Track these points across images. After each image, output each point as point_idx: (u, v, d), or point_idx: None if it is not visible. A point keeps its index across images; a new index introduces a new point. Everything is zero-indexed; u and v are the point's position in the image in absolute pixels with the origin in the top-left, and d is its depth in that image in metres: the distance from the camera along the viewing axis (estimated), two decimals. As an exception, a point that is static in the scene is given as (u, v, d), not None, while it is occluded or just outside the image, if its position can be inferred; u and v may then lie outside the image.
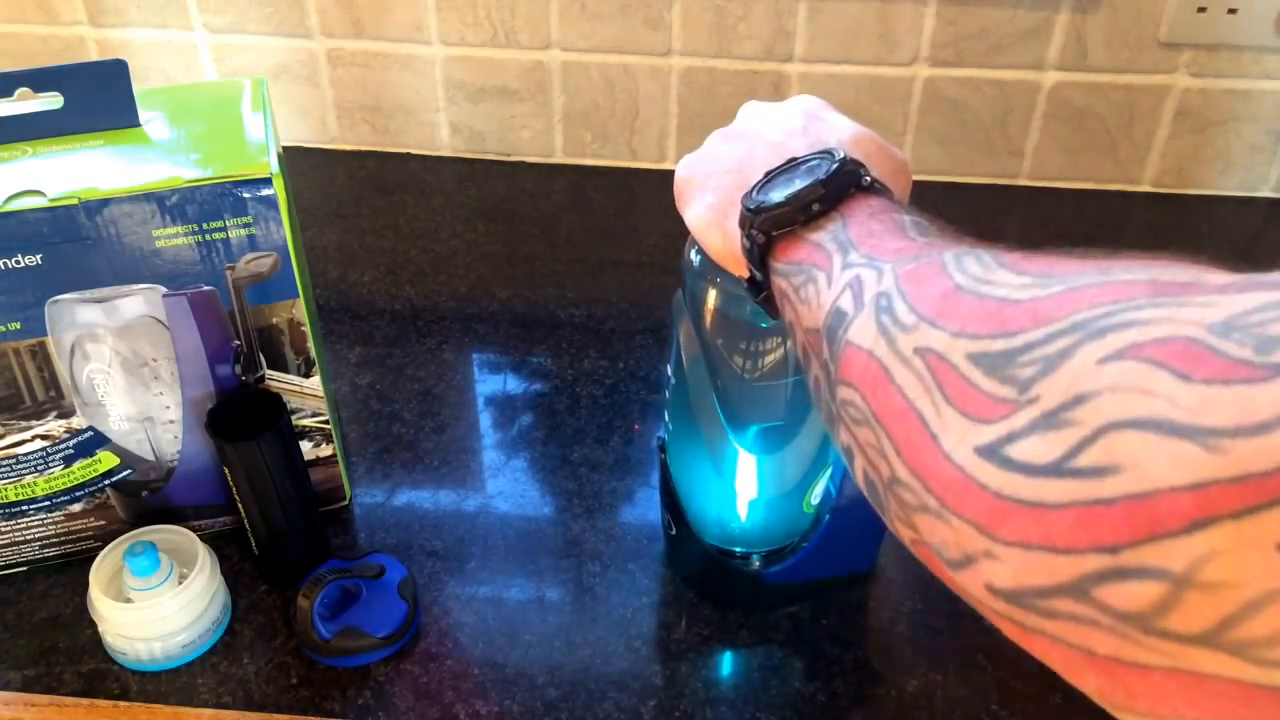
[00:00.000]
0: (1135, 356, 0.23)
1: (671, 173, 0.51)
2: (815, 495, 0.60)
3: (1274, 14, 0.89)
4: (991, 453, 0.25)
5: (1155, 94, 0.95)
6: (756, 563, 0.62)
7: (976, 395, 0.27)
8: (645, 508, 0.69)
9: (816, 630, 0.62)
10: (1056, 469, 0.23)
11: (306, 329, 0.60)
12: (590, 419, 0.76)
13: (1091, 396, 0.23)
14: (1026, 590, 0.25)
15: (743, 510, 0.61)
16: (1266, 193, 1.00)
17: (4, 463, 0.60)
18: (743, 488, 0.59)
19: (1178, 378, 0.22)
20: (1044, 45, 0.93)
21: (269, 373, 0.61)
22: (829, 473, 0.59)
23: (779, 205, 0.40)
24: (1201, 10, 0.89)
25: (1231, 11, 0.89)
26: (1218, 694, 0.22)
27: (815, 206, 0.39)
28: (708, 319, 0.53)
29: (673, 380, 0.58)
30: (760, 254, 0.41)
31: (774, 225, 0.40)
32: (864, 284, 0.34)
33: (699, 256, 0.52)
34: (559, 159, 1.05)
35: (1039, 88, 0.95)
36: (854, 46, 0.94)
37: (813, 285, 0.38)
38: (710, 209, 0.46)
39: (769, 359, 0.53)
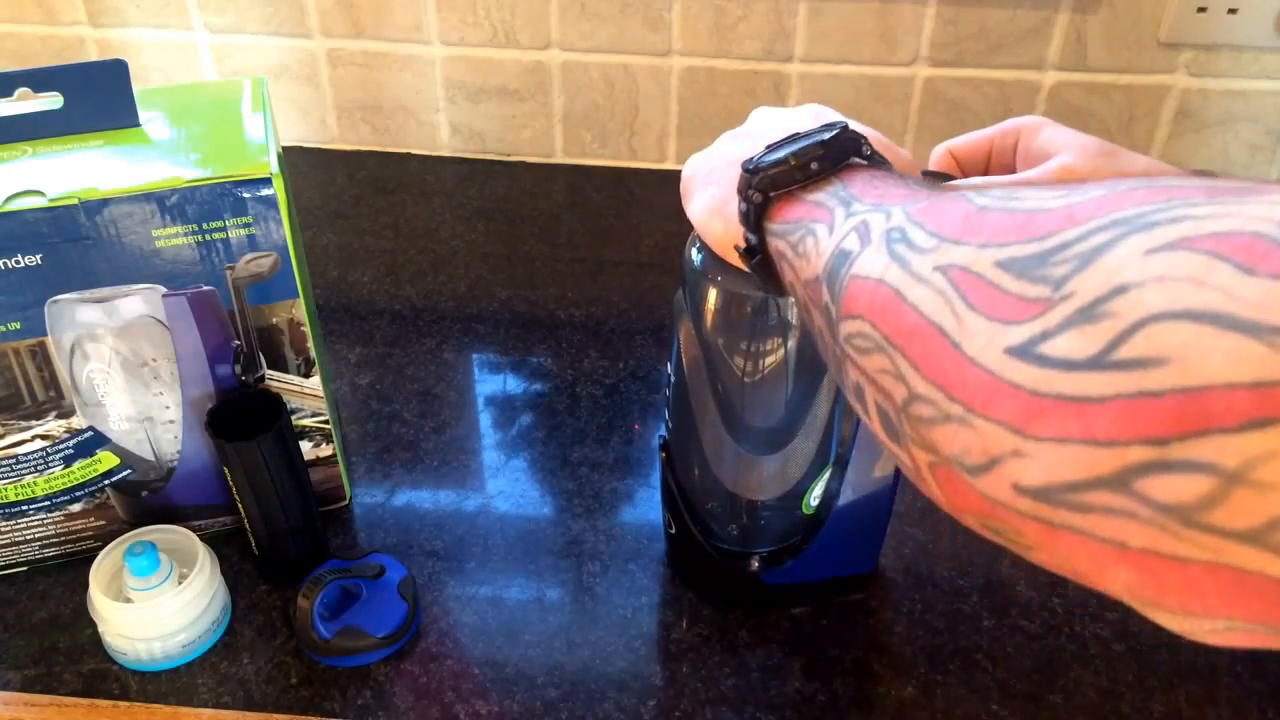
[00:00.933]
0: (1189, 248, 0.22)
1: (672, 172, 0.51)
2: (815, 496, 0.60)
3: (1274, 14, 0.89)
4: (1023, 352, 0.25)
5: (1155, 94, 0.95)
6: (755, 564, 0.62)
7: (1004, 298, 0.26)
8: (645, 508, 0.69)
9: (816, 630, 0.62)
10: (1097, 362, 0.23)
11: (306, 329, 0.60)
12: (590, 419, 0.76)
13: (1134, 287, 0.22)
14: (1059, 485, 0.24)
15: (743, 511, 0.61)
16: (1266, 193, 1.00)
17: (4, 463, 0.60)
18: (742, 488, 0.59)
19: (1240, 270, 0.21)
20: (1044, 45, 0.93)
21: (269, 373, 0.61)
22: (829, 474, 0.59)
23: (777, 163, 0.39)
24: (1201, 10, 0.89)
25: (1231, 11, 0.89)
26: (1255, 592, 0.21)
27: (814, 165, 0.39)
28: (708, 319, 0.53)
29: (673, 380, 0.58)
30: (756, 216, 0.41)
31: (771, 185, 0.40)
32: (871, 225, 0.33)
33: (700, 255, 0.52)
34: (559, 159, 1.05)
35: (1039, 88, 0.95)
36: (854, 46, 0.94)
37: (811, 238, 0.37)
38: (713, 198, 0.46)
39: (769, 359, 0.53)
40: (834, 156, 0.39)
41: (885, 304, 0.30)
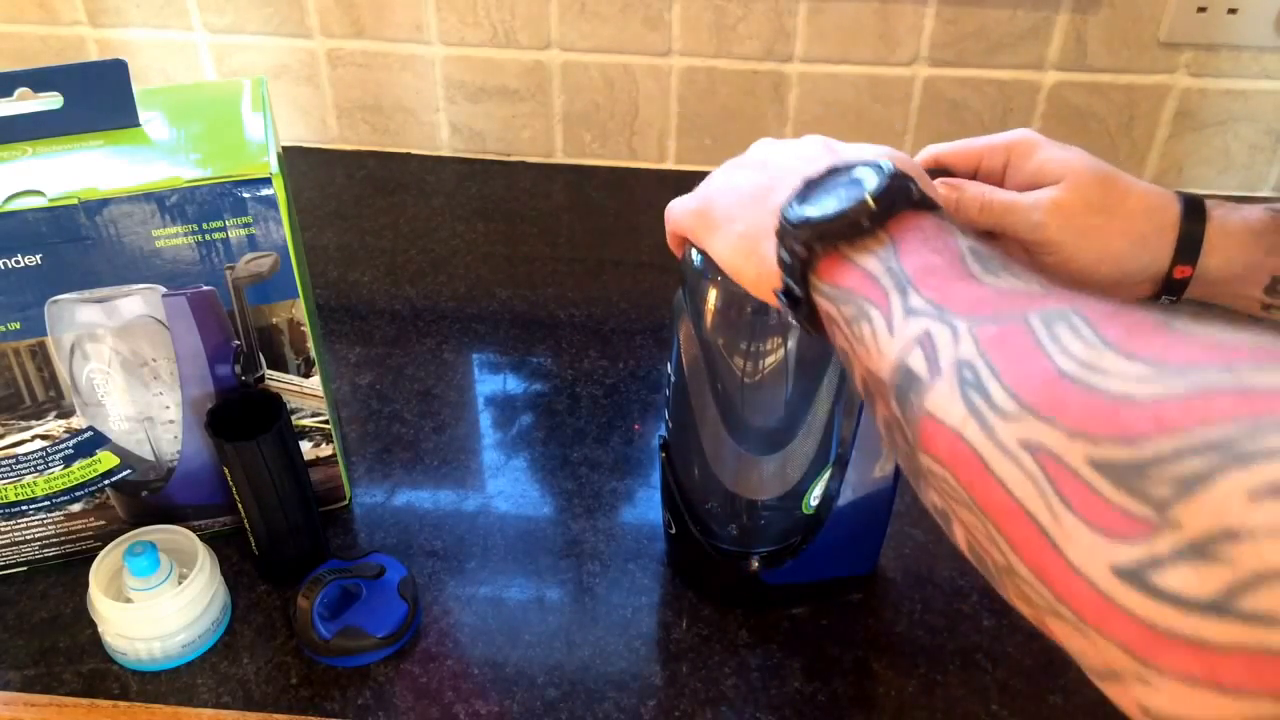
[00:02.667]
0: None
1: (672, 172, 0.50)
2: (815, 497, 0.60)
3: (1274, 14, 0.89)
4: (1134, 576, 0.24)
5: (1155, 94, 0.95)
6: (755, 564, 0.62)
7: (1105, 508, 0.25)
8: (645, 508, 0.69)
9: (816, 630, 0.62)
10: (1214, 607, 0.23)
11: (306, 329, 0.60)
12: (590, 419, 0.76)
13: (1246, 536, 0.22)
14: (1189, 719, 0.24)
15: (743, 511, 0.61)
16: (1266, 192, 1.00)
17: (4, 463, 0.60)
18: (742, 488, 0.59)
19: None
20: (1044, 45, 0.93)
21: (269, 373, 0.61)
22: (828, 474, 0.59)
23: (825, 220, 0.37)
24: (1201, 10, 0.89)
25: (1231, 11, 0.89)
26: None
27: (865, 223, 0.37)
28: (708, 319, 0.53)
29: (673, 380, 0.58)
30: (801, 269, 0.39)
31: (818, 238, 0.38)
32: (937, 345, 0.32)
33: (700, 256, 0.52)
34: (559, 159, 1.05)
35: (1039, 88, 0.95)
36: (854, 46, 0.94)
37: (867, 324, 0.35)
38: (741, 238, 0.44)
39: (769, 360, 0.53)
40: (884, 210, 0.37)
41: (970, 467, 0.29)
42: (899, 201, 0.37)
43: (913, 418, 0.32)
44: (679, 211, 0.48)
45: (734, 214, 0.45)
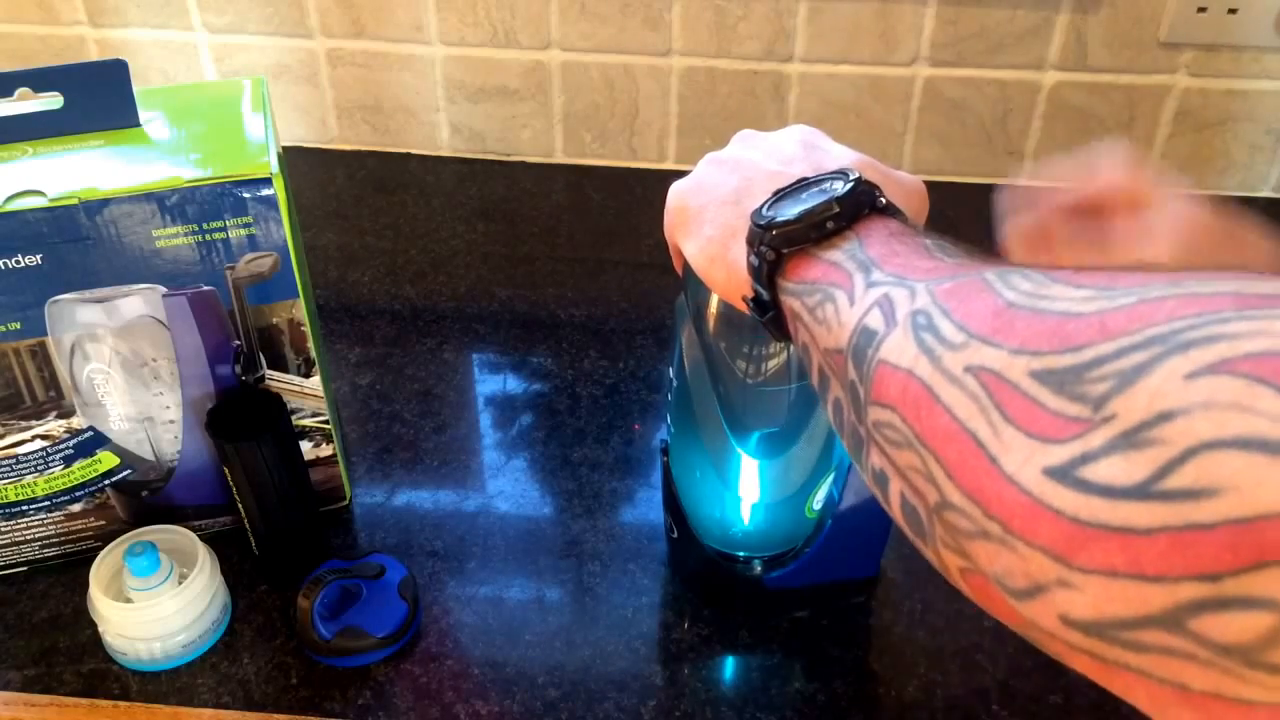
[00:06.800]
0: (1229, 371, 0.21)
1: (672, 172, 0.50)
2: (818, 500, 0.60)
3: (1274, 14, 0.89)
4: (1064, 474, 0.24)
5: (1155, 94, 0.95)
6: (758, 568, 0.62)
7: (1042, 414, 0.25)
8: (646, 508, 0.69)
9: (816, 630, 0.62)
10: (1142, 491, 0.22)
11: (306, 329, 0.60)
12: (590, 419, 0.76)
13: (1179, 414, 0.22)
14: (1110, 621, 0.23)
15: (745, 515, 0.61)
16: (1266, 193, 1.00)
17: (4, 463, 0.60)
18: (745, 492, 0.59)
19: None
20: (1044, 45, 0.93)
21: (269, 373, 0.61)
22: (832, 478, 0.59)
23: (791, 221, 0.38)
24: (1201, 10, 0.89)
25: (1231, 11, 0.89)
26: None
27: (829, 224, 0.38)
28: (710, 322, 0.53)
29: (674, 383, 0.58)
30: (769, 272, 0.40)
31: (785, 242, 0.39)
32: (895, 302, 0.33)
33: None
34: (559, 159, 1.04)
35: (1039, 88, 0.95)
36: (854, 46, 0.94)
37: (831, 305, 0.36)
38: (711, 242, 0.44)
39: (772, 363, 0.53)
40: (849, 214, 0.38)
41: (918, 400, 0.29)
42: (863, 203, 0.38)
43: (867, 372, 0.33)
44: (667, 207, 0.49)
45: (705, 216, 0.45)
